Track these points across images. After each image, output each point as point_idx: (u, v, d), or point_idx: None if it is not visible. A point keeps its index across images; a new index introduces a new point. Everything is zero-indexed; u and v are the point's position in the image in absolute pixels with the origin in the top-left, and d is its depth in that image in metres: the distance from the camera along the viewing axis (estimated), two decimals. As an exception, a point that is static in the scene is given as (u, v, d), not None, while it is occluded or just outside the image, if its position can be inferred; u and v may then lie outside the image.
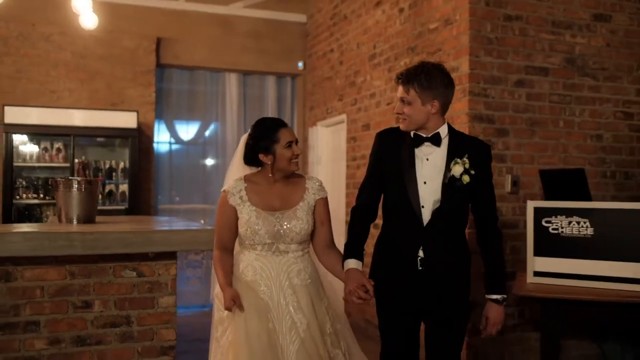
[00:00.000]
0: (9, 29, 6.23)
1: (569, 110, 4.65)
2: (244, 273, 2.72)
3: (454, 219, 2.57)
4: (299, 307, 2.67)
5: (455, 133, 2.64)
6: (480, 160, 2.57)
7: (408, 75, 2.54)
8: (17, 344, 3.22)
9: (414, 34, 5.05)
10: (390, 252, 2.63)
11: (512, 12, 4.48)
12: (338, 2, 6.57)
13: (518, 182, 4.46)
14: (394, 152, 2.60)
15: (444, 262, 2.55)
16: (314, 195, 2.80)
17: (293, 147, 2.72)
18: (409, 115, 2.54)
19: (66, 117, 6.02)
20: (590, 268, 3.29)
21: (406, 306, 2.59)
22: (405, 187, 2.54)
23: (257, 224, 2.70)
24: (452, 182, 2.52)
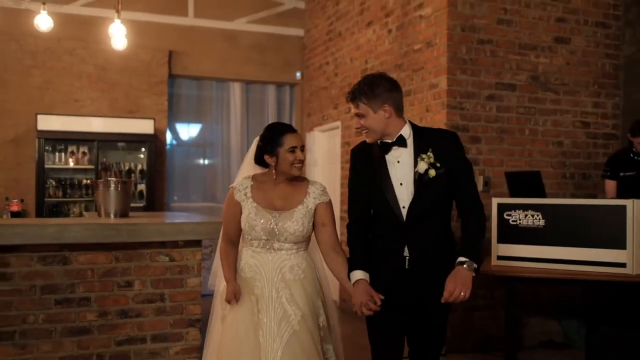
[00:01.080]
0: (37, 45, 6.91)
1: (533, 120, 5.39)
2: (243, 270, 2.88)
3: (435, 215, 2.61)
4: (293, 300, 2.77)
5: (419, 130, 2.70)
6: (446, 150, 2.61)
7: (354, 92, 2.65)
8: (73, 316, 3.91)
9: (401, 53, 5.78)
10: (378, 255, 2.68)
11: (484, 37, 5.21)
12: (333, 20, 7.28)
13: (489, 182, 5.20)
14: (368, 163, 2.69)
15: (430, 259, 2.60)
16: (314, 199, 2.88)
17: (296, 153, 2.81)
18: (368, 126, 2.62)
19: (90, 124, 6.73)
20: (542, 252, 4.02)
21: (394, 303, 2.62)
22: (384, 192, 2.62)
23: (254, 219, 2.82)
24: (421, 179, 2.57)
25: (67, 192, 6.76)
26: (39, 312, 3.81)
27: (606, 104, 5.68)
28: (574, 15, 5.55)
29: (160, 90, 7.40)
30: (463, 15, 5.12)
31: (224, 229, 2.93)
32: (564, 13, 5.51)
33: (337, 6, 7.15)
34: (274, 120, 8.04)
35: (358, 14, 6.63)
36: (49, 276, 3.83)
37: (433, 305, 2.56)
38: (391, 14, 5.95)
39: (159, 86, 7.40)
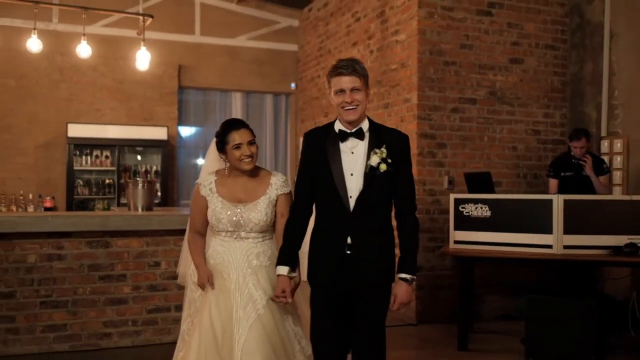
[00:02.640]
0: (64, 61, 7.87)
1: (491, 129, 6.38)
2: (212, 256, 2.98)
3: (379, 207, 2.71)
4: (259, 285, 2.88)
5: (375, 126, 2.78)
6: (398, 149, 2.72)
7: (354, 66, 2.69)
8: (112, 289, 4.89)
9: (381, 71, 6.76)
10: (323, 240, 2.75)
11: (449, 59, 6.20)
12: (323, 38, 8.26)
13: (453, 181, 6.18)
14: (321, 149, 2.72)
15: (370, 247, 2.69)
16: (276, 190, 2.98)
17: (242, 149, 2.91)
18: (360, 101, 2.67)
19: (111, 131, 7.70)
20: (489, 237, 5.02)
21: (336, 287, 2.71)
22: (334, 180, 2.67)
23: (220, 213, 2.92)
24: (372, 172, 2.66)
25: (93, 191, 7.76)
26: (86, 285, 4.80)
27: (554, 115, 6.67)
28: (527, 39, 6.54)
29: (171, 100, 8.37)
30: (431, 41, 6.11)
31: (191, 222, 3.07)
32: (518, 38, 6.50)
33: (327, 26, 8.14)
34: (272, 126, 9.06)
35: (345, 35, 7.61)
36: (94, 257, 4.82)
37: (372, 292, 2.67)
38: (373, 37, 6.93)
39: (170, 96, 8.37)
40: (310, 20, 8.66)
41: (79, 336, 4.74)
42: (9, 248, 4.55)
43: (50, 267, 4.67)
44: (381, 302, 2.73)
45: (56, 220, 4.64)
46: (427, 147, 6.10)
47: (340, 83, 2.65)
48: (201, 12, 8.64)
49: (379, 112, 6.73)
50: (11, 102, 7.76)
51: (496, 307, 6.32)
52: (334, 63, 2.75)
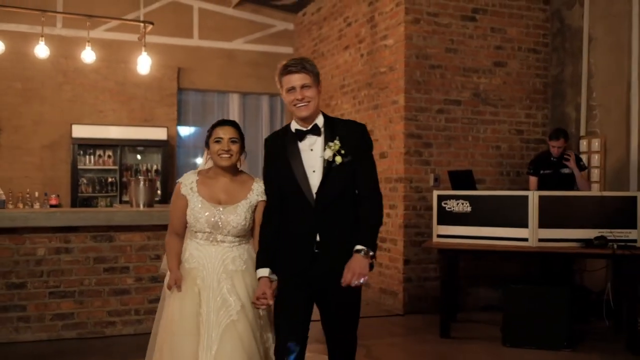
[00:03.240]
0: (68, 65, 8.19)
1: (475, 129, 6.71)
2: (187, 260, 2.95)
3: (343, 201, 2.71)
4: (234, 290, 2.86)
5: (331, 120, 2.79)
6: (353, 139, 2.71)
7: (303, 63, 2.69)
8: (116, 280, 5.21)
9: (370, 74, 7.09)
10: (290, 239, 2.75)
11: (435, 62, 6.53)
12: (317, 42, 8.58)
13: (439, 179, 6.51)
14: (282, 151, 2.75)
15: (339, 243, 2.68)
16: (257, 196, 2.96)
17: (221, 143, 2.90)
18: (311, 97, 2.68)
19: (113, 132, 8.04)
20: (469, 231, 5.34)
21: (303, 286, 2.71)
22: (296, 179, 2.69)
23: (199, 212, 2.90)
24: (329, 166, 2.66)
25: (96, 189, 8.11)
26: (92, 277, 5.13)
27: (537, 115, 7.00)
28: (509, 43, 6.87)
29: (170, 102, 8.70)
30: (417, 45, 6.44)
31: (171, 222, 3.05)
32: (501, 42, 6.83)
33: (320, 30, 8.46)
34: (268, 126, 9.37)
35: (337, 39, 7.94)
36: (99, 250, 5.15)
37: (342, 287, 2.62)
38: (363, 41, 7.26)
39: (170, 98, 8.70)
40: (305, 24, 8.98)
41: (85, 324, 5.07)
42: (20, 242, 4.88)
43: (58, 259, 5.00)
44: (353, 299, 2.72)
45: (64, 215, 4.97)
46: (414, 147, 6.42)
47: (291, 81, 2.68)
48: (199, 16, 8.97)
49: (369, 113, 7.05)
50: (18, 104, 8.09)
51: (480, 299, 6.65)
52: (284, 62, 2.79)
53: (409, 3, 6.40)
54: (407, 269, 6.40)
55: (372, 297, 6.93)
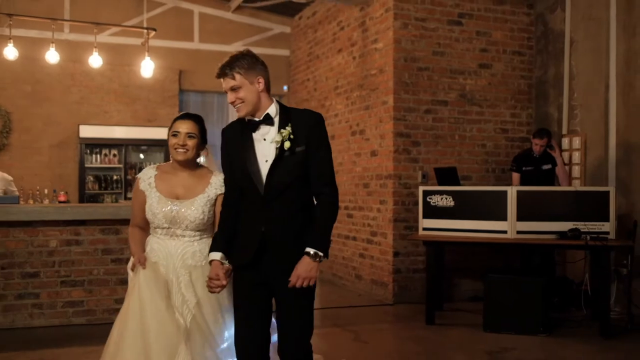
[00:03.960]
0: (74, 68, 8.58)
1: (462, 128, 7.07)
2: (149, 255, 2.92)
3: (293, 190, 2.66)
4: (190, 285, 2.84)
5: (285, 110, 2.74)
6: (307, 128, 2.66)
7: (229, 65, 2.66)
8: (122, 270, 5.56)
9: (362, 75, 7.44)
10: (242, 230, 2.74)
11: (423, 65, 6.88)
12: (312, 45, 8.94)
13: (427, 175, 6.86)
14: (236, 141, 2.73)
15: (287, 234, 2.66)
16: (215, 190, 2.94)
17: (178, 137, 2.90)
18: (243, 97, 2.63)
19: (119, 132, 8.45)
20: (452, 224, 5.70)
21: (255, 278, 2.69)
22: (248, 169, 2.66)
23: (157, 208, 2.89)
24: (280, 154, 2.63)
25: (102, 186, 8.51)
26: (100, 267, 5.51)
27: (521, 115, 7.35)
28: (495, 46, 7.22)
29: (172, 103, 9.08)
30: (406, 49, 6.79)
31: (132, 217, 3.05)
32: (486, 45, 7.17)
33: (315, 33, 8.82)
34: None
35: (331, 42, 8.30)
36: (107, 242, 5.53)
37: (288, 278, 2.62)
38: (355, 44, 7.62)
39: (172, 99, 9.08)
40: (301, 27, 9.34)
41: (94, 311, 5.46)
42: (33, 234, 5.26)
43: (69, 251, 5.38)
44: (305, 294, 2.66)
45: (74, 210, 5.36)
46: (403, 145, 6.78)
47: (223, 85, 2.69)
48: (200, 21, 9.34)
49: (361, 113, 7.42)
50: (28, 106, 8.48)
51: (466, 290, 7.00)
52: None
53: (398, 9, 6.76)
54: (396, 261, 6.76)
55: (363, 288, 7.30)
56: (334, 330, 5.53)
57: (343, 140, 7.96)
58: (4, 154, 8.33)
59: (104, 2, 8.80)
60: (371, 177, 7.24)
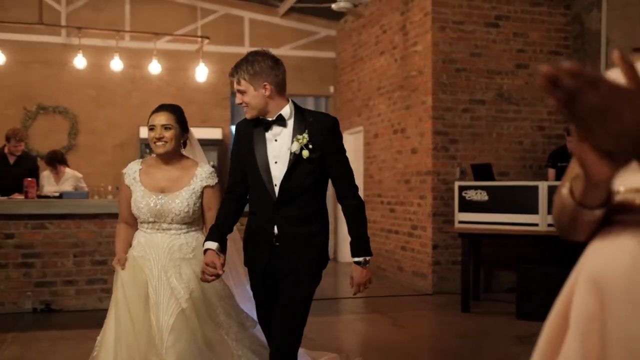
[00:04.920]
0: (135, 73, 9.24)
1: (499, 126, 7.35)
2: (135, 248, 2.89)
3: (305, 195, 2.66)
4: (181, 278, 2.78)
5: (301, 111, 2.71)
6: (322, 133, 2.64)
7: (235, 69, 2.68)
8: (180, 259, 6.12)
9: (403, 77, 7.80)
10: (253, 230, 2.73)
11: (460, 66, 7.20)
12: (357, 47, 9.34)
13: (465, 172, 7.18)
14: (249, 139, 2.71)
15: (299, 236, 2.65)
16: (201, 182, 2.89)
17: (155, 131, 2.85)
18: (248, 102, 2.64)
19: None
20: (487, 218, 6.02)
21: (265, 278, 2.72)
22: (258, 168, 2.64)
23: (141, 202, 2.85)
24: (296, 159, 2.61)
25: (159, 183, 9.14)
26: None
27: (558, 112, 7.55)
28: (531, 46, 7.46)
29: (224, 105, 9.63)
30: (444, 51, 7.12)
31: (120, 212, 3.04)
32: (523, 45, 7.43)
33: (359, 36, 9.22)
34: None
35: (374, 45, 8.68)
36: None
37: (298, 282, 2.66)
38: (397, 47, 7.98)
39: (224, 101, 9.63)
40: (346, 30, 9.76)
41: (155, 296, 6.00)
42: (102, 226, 5.87)
43: (133, 241, 5.95)
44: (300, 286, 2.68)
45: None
46: (441, 143, 7.11)
47: (235, 88, 2.73)
48: (250, 26, 9.87)
49: (402, 112, 7.78)
50: (93, 109, 9.19)
51: (504, 281, 7.28)
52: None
53: (436, 13, 7.09)
54: (435, 254, 7.10)
55: (404, 279, 7.67)
56: (374, 316, 5.94)
57: (385, 138, 8.34)
58: (72, 153, 9.05)
59: (161, 11, 9.43)
60: (412, 173, 7.59)
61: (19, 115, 9.00)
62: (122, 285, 2.82)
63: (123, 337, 2.74)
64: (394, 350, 4.70)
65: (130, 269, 2.83)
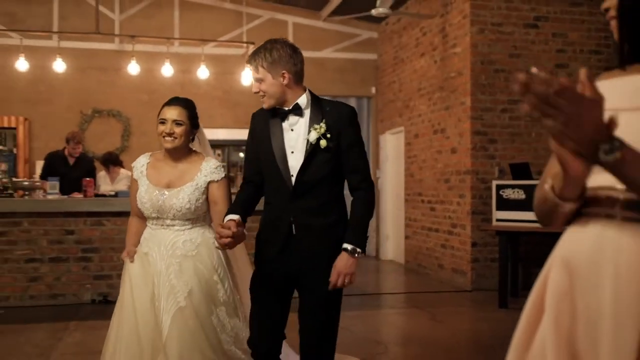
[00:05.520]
0: (184, 78, 9.65)
1: (539, 126, 7.39)
2: (142, 244, 2.87)
3: (322, 185, 2.61)
4: (181, 275, 2.72)
5: (317, 101, 2.68)
6: (338, 123, 2.59)
7: (254, 56, 2.62)
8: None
9: (442, 78, 7.96)
10: (269, 220, 2.67)
11: (499, 67, 7.31)
12: (398, 49, 9.53)
13: (504, 170, 7.29)
14: (265, 128, 2.66)
15: (315, 227, 2.59)
16: (205, 177, 2.83)
17: (165, 125, 2.80)
18: (265, 91, 2.59)
19: (222, 134, 9.44)
20: (523, 216, 6.14)
21: (279, 270, 2.61)
22: (275, 159, 2.60)
23: (144, 197, 2.81)
24: (313, 149, 2.57)
25: (208, 182, 9.56)
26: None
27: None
28: (571, 46, 7.52)
29: (269, 106, 9.94)
30: (482, 53, 7.26)
31: (131, 205, 3.00)
32: (563, 46, 7.49)
33: (400, 39, 9.40)
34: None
35: (414, 46, 8.85)
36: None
37: (320, 274, 2.57)
38: (436, 49, 8.14)
39: (268, 103, 9.93)
40: (387, 33, 9.95)
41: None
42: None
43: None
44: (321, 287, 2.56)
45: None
46: (480, 143, 7.25)
47: (252, 75, 2.69)
48: (293, 30, 10.16)
49: (441, 113, 7.94)
50: (144, 113, 9.61)
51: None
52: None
53: (474, 15, 7.23)
54: (474, 251, 7.25)
55: (444, 276, 7.83)
56: (413, 311, 6.14)
57: (426, 138, 8.50)
58: (125, 154, 9.51)
59: (209, 17, 9.81)
60: (451, 172, 7.75)
61: (77, 119, 9.52)
62: (130, 279, 2.80)
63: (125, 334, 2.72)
64: (433, 344, 4.90)
65: (139, 264, 2.81)
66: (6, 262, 6.18)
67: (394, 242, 9.66)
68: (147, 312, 2.71)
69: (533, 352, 1.30)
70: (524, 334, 1.34)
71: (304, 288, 2.64)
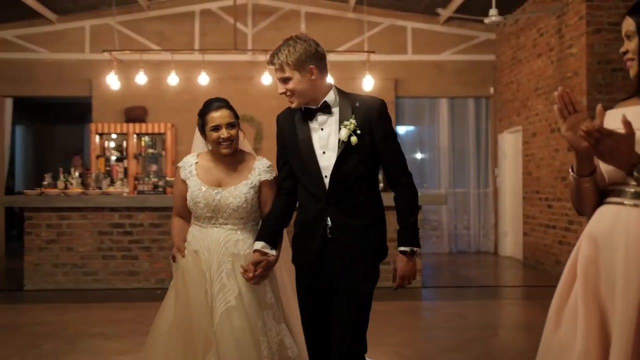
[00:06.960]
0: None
1: (659, 123, 7.39)
2: (190, 243, 2.84)
3: (358, 183, 2.53)
4: (233, 274, 2.71)
5: (345, 96, 2.60)
6: (370, 117, 2.53)
7: (276, 55, 2.52)
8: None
9: (559, 78, 8.11)
10: (304, 223, 2.61)
11: (616, 66, 7.37)
12: (515, 50, 9.71)
13: (621, 169, 7.35)
14: (292, 130, 2.59)
15: (352, 227, 2.52)
16: (259, 176, 2.81)
17: (220, 131, 2.75)
18: (293, 89, 2.50)
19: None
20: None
21: (318, 273, 2.57)
22: (307, 161, 2.53)
23: (198, 197, 2.78)
24: (345, 147, 2.48)
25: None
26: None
27: None
28: (696, 42, 7.39)
29: (389, 108, 10.41)
30: (599, 53, 7.35)
31: (174, 206, 2.98)
32: (686, 41, 7.39)
33: (517, 40, 9.59)
34: (474, 125, 10.71)
35: (532, 47, 9.03)
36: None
37: (356, 274, 2.52)
38: (553, 49, 8.29)
39: (389, 105, 10.15)
40: (505, 34, 10.15)
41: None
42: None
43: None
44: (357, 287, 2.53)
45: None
46: (596, 141, 7.35)
47: (276, 76, 2.60)
48: (412, 35, 10.64)
49: (558, 112, 8.08)
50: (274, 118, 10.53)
51: None
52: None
53: (590, 16, 7.35)
54: (590, 248, 7.37)
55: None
56: (524, 302, 6.47)
57: (543, 137, 8.67)
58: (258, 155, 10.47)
59: (332, 27, 10.53)
60: (568, 171, 7.86)
61: (216, 124, 10.61)
62: (183, 273, 2.79)
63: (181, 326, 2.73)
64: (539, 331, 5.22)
65: (191, 260, 2.79)
66: (162, 249, 7.23)
67: (513, 238, 9.85)
68: (201, 309, 2.71)
69: (569, 305, 1.80)
70: (561, 293, 1.83)
71: (339, 288, 2.57)
